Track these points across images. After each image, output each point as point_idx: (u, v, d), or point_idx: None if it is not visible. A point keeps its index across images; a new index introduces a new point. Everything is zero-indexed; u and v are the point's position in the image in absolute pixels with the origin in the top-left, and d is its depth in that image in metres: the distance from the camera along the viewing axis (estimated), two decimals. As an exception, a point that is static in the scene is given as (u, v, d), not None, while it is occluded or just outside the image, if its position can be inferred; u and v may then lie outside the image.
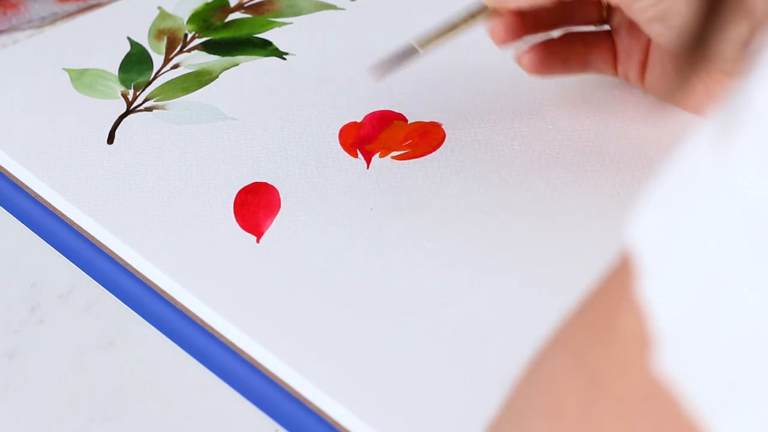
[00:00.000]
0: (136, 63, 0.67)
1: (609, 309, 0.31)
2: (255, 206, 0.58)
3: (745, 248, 0.27)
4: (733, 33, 0.55)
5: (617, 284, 0.31)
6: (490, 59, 0.66)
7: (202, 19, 0.69)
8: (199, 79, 0.65)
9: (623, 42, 0.61)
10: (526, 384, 0.35)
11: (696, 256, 0.28)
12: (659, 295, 0.29)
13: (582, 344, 0.32)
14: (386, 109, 0.63)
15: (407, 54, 0.57)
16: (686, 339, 0.28)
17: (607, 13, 0.61)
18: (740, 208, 0.27)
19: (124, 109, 0.64)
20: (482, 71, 0.65)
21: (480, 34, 0.68)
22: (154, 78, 0.66)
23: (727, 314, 0.28)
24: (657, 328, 0.29)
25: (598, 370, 0.31)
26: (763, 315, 0.27)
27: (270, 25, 0.69)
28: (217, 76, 0.65)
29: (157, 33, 0.69)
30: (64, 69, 0.66)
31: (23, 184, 0.60)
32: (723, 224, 0.28)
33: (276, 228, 0.57)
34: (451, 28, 0.57)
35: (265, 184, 0.59)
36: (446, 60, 0.66)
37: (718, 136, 0.28)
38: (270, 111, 0.63)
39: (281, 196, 0.58)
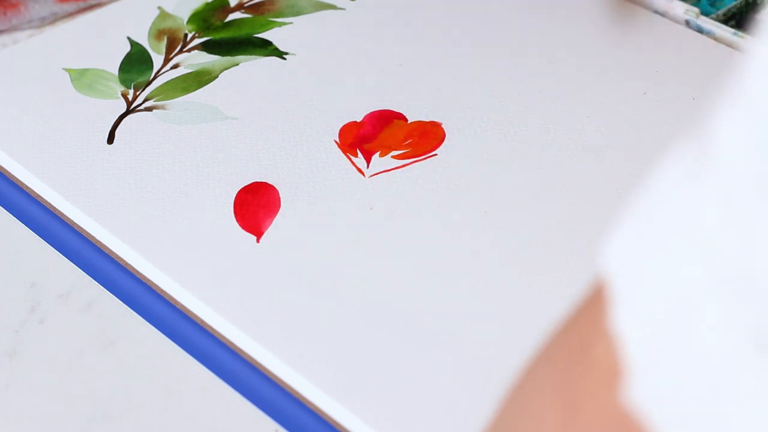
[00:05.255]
0: (136, 63, 0.67)
1: (583, 336, 0.31)
2: (255, 206, 0.58)
3: (704, 281, 0.27)
4: None
5: (591, 312, 0.31)
6: (491, 59, 0.66)
7: (202, 19, 0.69)
8: (199, 79, 0.65)
9: None
10: (511, 403, 0.35)
11: (662, 285, 0.28)
12: (628, 324, 0.29)
13: (561, 368, 0.32)
14: (386, 108, 0.63)
15: None
16: (652, 368, 0.28)
17: None
18: (702, 242, 0.27)
19: (124, 109, 0.64)
20: (482, 71, 0.65)
21: (481, 34, 0.68)
22: (154, 78, 0.66)
23: (689, 345, 0.28)
24: (627, 358, 0.29)
25: (574, 396, 0.31)
26: (719, 348, 0.27)
27: (270, 25, 0.69)
28: (217, 76, 0.65)
29: (157, 33, 0.69)
30: (64, 69, 0.66)
31: (23, 184, 0.60)
32: (687, 256, 0.28)
33: (276, 228, 0.57)
34: None
35: (265, 184, 0.59)
36: (446, 60, 0.66)
37: (688, 167, 0.28)
38: (270, 111, 0.63)
39: (281, 196, 0.58)
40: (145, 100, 0.64)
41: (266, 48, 0.67)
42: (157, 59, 0.67)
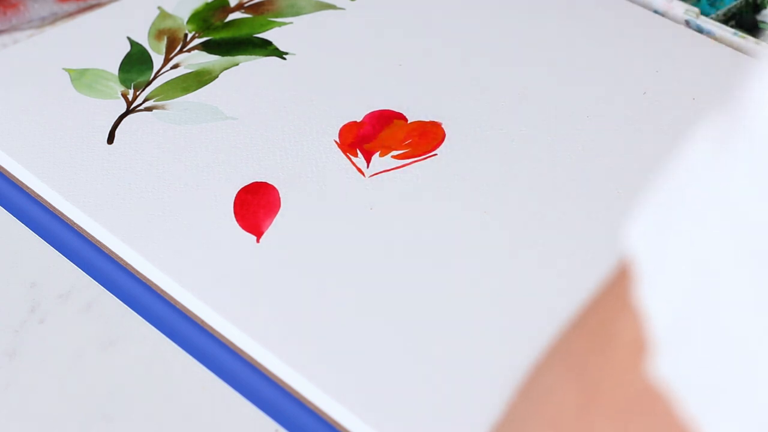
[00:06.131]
0: (136, 63, 0.67)
1: (607, 318, 0.31)
2: (255, 206, 0.58)
3: (732, 255, 0.27)
4: None
5: (615, 292, 0.31)
6: (491, 58, 0.66)
7: (202, 19, 0.69)
8: (199, 79, 0.65)
9: None
10: (525, 397, 0.35)
11: (689, 260, 0.28)
12: (653, 300, 0.29)
13: (581, 356, 0.32)
14: (386, 108, 0.63)
15: None
16: (679, 344, 0.28)
17: None
18: (731, 215, 0.27)
19: (124, 109, 0.64)
20: (482, 71, 0.66)
21: (481, 34, 0.68)
22: (154, 78, 0.66)
23: (718, 319, 0.28)
24: (654, 335, 0.29)
25: (597, 382, 0.31)
26: (749, 321, 0.27)
27: (270, 25, 0.69)
28: (217, 76, 0.65)
29: (157, 33, 0.69)
30: (64, 69, 0.66)
31: (23, 184, 0.60)
32: (716, 230, 0.28)
33: (276, 228, 0.57)
34: None
35: (265, 184, 0.59)
36: (446, 59, 0.66)
37: (716, 143, 0.28)
38: (270, 111, 0.63)
39: (281, 196, 0.58)
40: (145, 100, 0.64)
41: (266, 48, 0.67)
42: (157, 59, 0.67)
